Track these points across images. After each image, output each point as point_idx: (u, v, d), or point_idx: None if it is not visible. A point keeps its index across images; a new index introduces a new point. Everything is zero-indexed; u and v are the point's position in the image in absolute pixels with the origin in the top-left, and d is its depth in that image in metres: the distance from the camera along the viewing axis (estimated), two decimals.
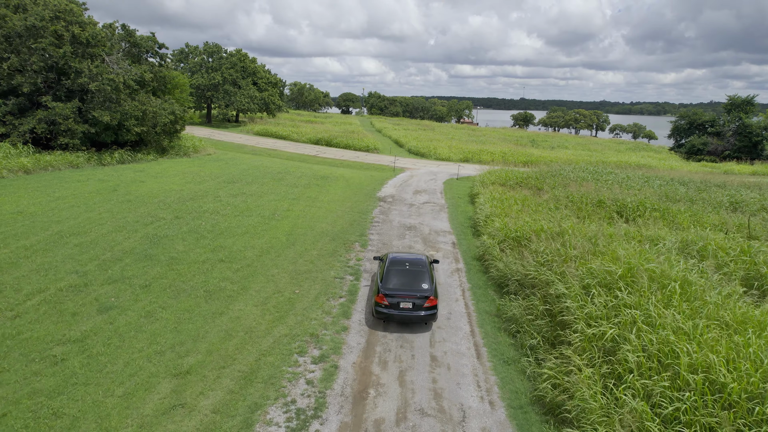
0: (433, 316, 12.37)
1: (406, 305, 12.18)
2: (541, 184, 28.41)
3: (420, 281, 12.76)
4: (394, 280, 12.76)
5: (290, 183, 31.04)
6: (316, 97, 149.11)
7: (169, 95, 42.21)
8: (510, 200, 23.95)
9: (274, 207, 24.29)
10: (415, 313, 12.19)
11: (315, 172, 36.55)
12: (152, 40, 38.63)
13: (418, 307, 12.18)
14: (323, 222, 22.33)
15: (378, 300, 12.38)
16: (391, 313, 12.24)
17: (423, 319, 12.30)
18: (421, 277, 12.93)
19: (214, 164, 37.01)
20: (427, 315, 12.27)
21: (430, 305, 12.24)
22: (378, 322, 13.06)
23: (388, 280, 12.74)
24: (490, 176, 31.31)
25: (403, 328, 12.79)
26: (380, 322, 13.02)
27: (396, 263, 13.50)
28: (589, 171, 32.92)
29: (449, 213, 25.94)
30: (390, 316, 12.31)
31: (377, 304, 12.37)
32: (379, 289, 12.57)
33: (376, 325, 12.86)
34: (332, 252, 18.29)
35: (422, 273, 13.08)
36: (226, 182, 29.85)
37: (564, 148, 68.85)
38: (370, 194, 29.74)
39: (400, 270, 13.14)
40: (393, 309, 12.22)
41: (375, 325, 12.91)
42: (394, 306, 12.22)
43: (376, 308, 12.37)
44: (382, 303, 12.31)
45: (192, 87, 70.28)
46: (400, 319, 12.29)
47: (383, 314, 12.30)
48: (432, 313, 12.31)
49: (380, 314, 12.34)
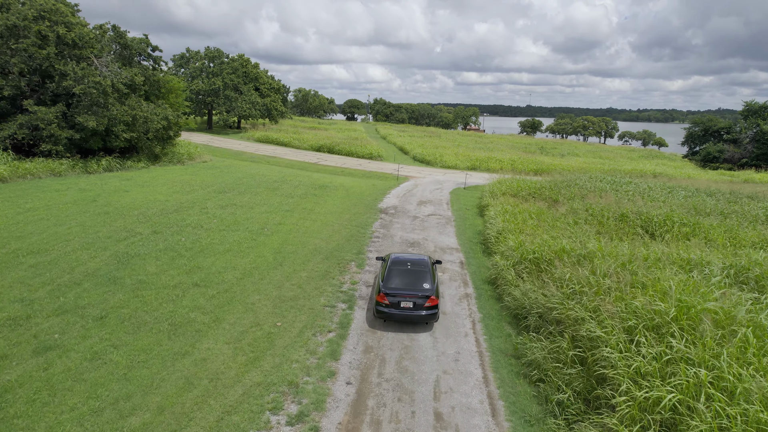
0: (434, 315, 12.33)
1: (407, 305, 12.15)
2: (556, 195, 26.18)
3: (421, 281, 12.70)
4: (395, 279, 12.72)
5: (285, 193, 29.00)
6: (321, 104, 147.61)
7: (163, 100, 40.43)
8: (524, 213, 21.74)
9: (265, 220, 22.22)
10: (416, 312, 12.16)
11: (314, 180, 34.52)
12: (145, 42, 36.91)
13: (419, 306, 12.17)
14: (317, 237, 20.22)
15: (379, 299, 12.33)
16: (392, 313, 12.19)
17: (424, 318, 12.23)
18: (423, 276, 12.87)
19: (208, 172, 35.08)
20: (428, 315, 12.22)
21: (431, 305, 12.22)
22: (371, 363, 10.94)
23: (389, 279, 12.72)
24: (501, 186, 29.11)
25: (402, 373, 10.61)
26: (374, 364, 10.90)
27: (398, 263, 13.44)
28: (606, 181, 30.64)
29: (456, 227, 23.75)
30: (390, 316, 12.24)
31: (378, 303, 12.34)
32: (380, 288, 12.52)
33: (369, 369, 10.70)
34: (324, 274, 16.14)
35: (424, 273, 13.01)
36: (216, 192, 27.86)
37: (574, 156, 66.54)
38: (371, 205, 27.63)
39: (402, 270, 13.08)
40: (393, 308, 12.20)
41: (368, 367, 10.76)
42: (395, 305, 12.19)
43: (377, 307, 12.34)
44: (383, 302, 12.26)
45: (192, 92, 68.93)
46: (401, 319, 12.24)
47: (384, 313, 12.27)
48: (433, 312, 12.27)
49: (381, 313, 12.32)
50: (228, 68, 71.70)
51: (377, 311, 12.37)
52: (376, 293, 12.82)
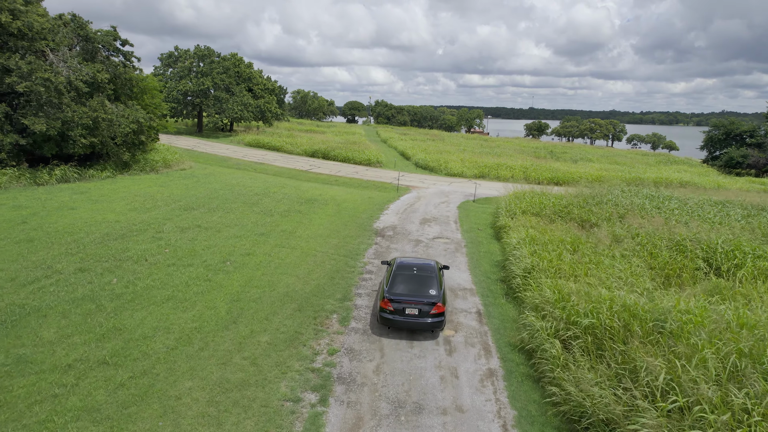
0: (440, 323, 11.78)
1: (412, 311, 11.72)
2: (588, 214, 21.74)
3: (427, 287, 12.24)
4: (400, 285, 12.28)
5: (265, 209, 24.61)
6: (320, 106, 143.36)
7: (136, 101, 36.11)
8: (555, 242, 17.31)
9: (231, 248, 17.84)
10: (421, 320, 11.69)
11: (301, 192, 30.15)
12: (111, 35, 32.59)
13: (424, 313, 11.71)
14: (292, 274, 15.82)
15: (383, 305, 11.87)
16: (396, 320, 11.73)
17: (429, 326, 11.72)
18: (429, 282, 12.42)
19: (181, 183, 30.75)
20: (433, 322, 11.70)
21: (437, 312, 11.74)
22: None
23: (394, 284, 12.28)
24: (519, 202, 24.66)
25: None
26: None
27: (403, 268, 12.99)
28: (642, 195, 26.17)
29: (469, 256, 19.33)
30: (394, 323, 11.78)
31: (382, 310, 11.88)
32: (384, 294, 12.04)
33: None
34: (293, 337, 11.74)
35: (430, 279, 12.57)
36: (182, 209, 23.49)
37: (588, 161, 62.06)
38: (365, 225, 23.22)
39: (408, 275, 12.64)
40: (398, 315, 11.75)
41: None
42: (400, 312, 11.74)
43: (381, 314, 11.90)
44: (387, 308, 11.81)
45: (180, 93, 64.71)
46: (405, 326, 11.76)
47: (388, 320, 11.82)
48: (439, 320, 11.75)
49: (385, 320, 11.88)
50: (218, 68, 67.47)
51: (381, 318, 11.90)
52: (380, 299, 12.25)
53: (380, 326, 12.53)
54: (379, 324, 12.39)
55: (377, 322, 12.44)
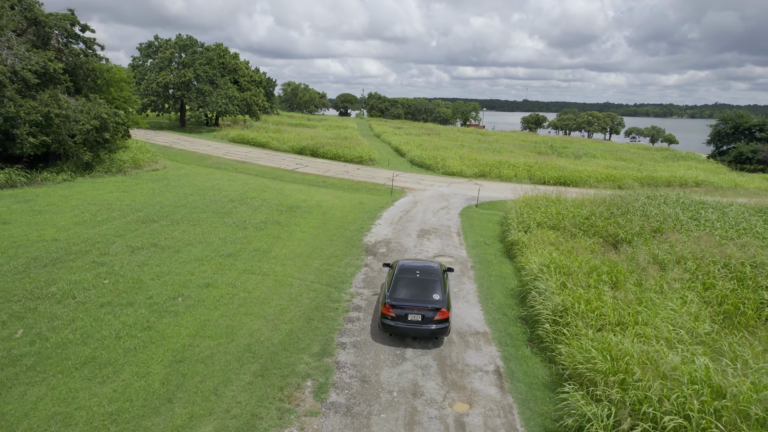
0: (444, 330, 11.10)
1: (415, 317, 11.05)
2: (616, 227, 18.53)
3: (431, 291, 11.55)
4: (402, 289, 11.59)
5: (238, 220, 21.23)
6: (312, 98, 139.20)
7: (101, 94, 32.45)
8: (585, 268, 14.08)
9: (187, 277, 14.49)
10: (424, 326, 11.01)
11: (283, 198, 26.76)
12: (67, 19, 28.85)
13: (428, 319, 11.03)
14: (260, 314, 12.51)
15: (384, 311, 11.25)
16: (398, 326, 11.06)
17: (433, 333, 11.02)
18: (433, 286, 11.70)
19: (148, 187, 27.24)
20: (437, 329, 11.02)
21: (441, 318, 11.06)
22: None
23: (395, 289, 11.60)
24: (532, 212, 21.40)
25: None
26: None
27: (406, 271, 12.24)
28: (672, 202, 22.97)
29: (477, 280, 16.09)
30: (396, 329, 11.10)
31: (383, 316, 11.24)
32: (385, 299, 11.39)
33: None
34: (246, 426, 8.43)
35: (434, 282, 11.85)
36: (139, 221, 20.06)
37: (592, 157, 58.90)
38: (354, 240, 19.92)
39: (410, 279, 11.93)
40: (400, 321, 11.07)
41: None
42: (402, 318, 11.06)
43: (382, 320, 11.25)
44: (388, 314, 11.14)
45: (159, 85, 60.77)
46: (408, 333, 11.09)
47: (389, 327, 11.17)
48: (443, 326, 11.08)
49: (386, 327, 11.22)
50: (201, 58, 63.49)
51: (382, 324, 11.32)
52: (381, 304, 11.75)
53: (368, 401, 9.27)
54: (380, 331, 11.71)
55: (378, 328, 11.82)
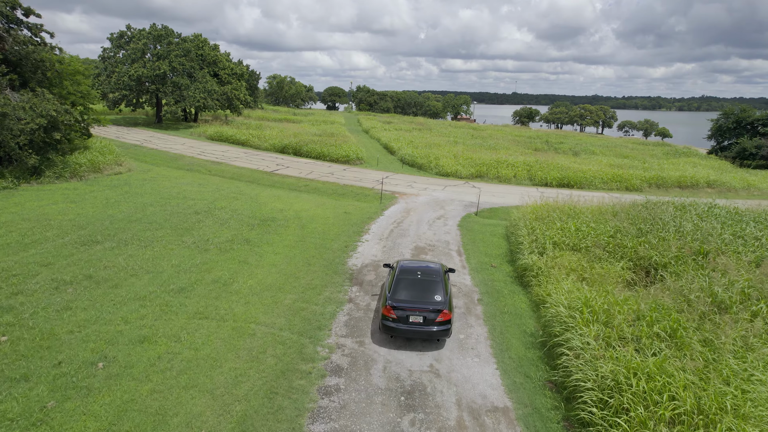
0: (446, 332, 10.92)
1: (417, 319, 10.87)
2: (647, 248, 15.51)
3: (432, 292, 11.42)
4: (403, 291, 11.42)
5: (200, 239, 17.92)
6: (298, 92, 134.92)
7: (53, 88, 28.76)
8: (625, 313, 11.04)
9: (118, 326, 11.19)
10: (426, 328, 10.84)
11: (257, 207, 23.44)
12: (5, 1, 25.08)
13: (429, 321, 10.87)
14: (205, 388, 9.29)
15: (385, 312, 11.03)
16: (399, 328, 10.87)
17: (435, 335, 10.86)
18: (434, 287, 11.57)
19: (102, 195, 23.75)
20: (439, 331, 10.85)
21: (443, 320, 10.90)
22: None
23: (397, 290, 11.46)
24: (545, 227, 18.33)
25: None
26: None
27: (407, 272, 12.10)
28: (703, 210, 20.03)
29: (487, 321, 12.98)
30: (398, 331, 10.88)
31: (384, 317, 11.05)
32: (386, 300, 11.21)
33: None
34: None
35: (435, 283, 11.69)
36: (79, 243, 16.67)
37: (591, 154, 56.16)
38: (337, 263, 16.71)
39: (411, 280, 11.76)
40: (401, 323, 10.91)
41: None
42: (403, 320, 10.91)
43: (383, 322, 11.06)
44: (389, 316, 10.96)
45: (132, 79, 56.69)
46: (409, 335, 10.88)
47: (391, 329, 10.95)
48: (445, 328, 10.90)
49: (387, 329, 11.01)
50: (178, 50, 59.47)
51: (383, 326, 11.03)
52: (382, 306, 11.39)
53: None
54: (381, 333, 11.50)
55: (379, 330, 11.59)
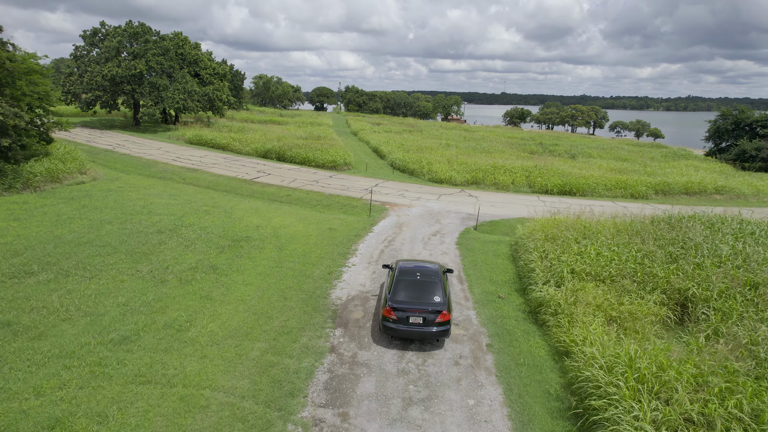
0: (445, 332, 11.01)
1: (416, 320, 10.94)
2: (682, 277, 13.17)
3: (432, 293, 11.48)
4: (403, 291, 11.45)
5: (158, 267, 15.24)
6: (285, 92, 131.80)
7: (3, 89, 25.82)
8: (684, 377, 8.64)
9: (25, 403, 8.51)
10: (426, 329, 10.90)
11: (231, 224, 20.78)
12: None
13: (429, 322, 10.93)
14: None
15: (385, 313, 11.07)
16: (400, 329, 10.95)
17: (434, 335, 10.94)
18: (433, 288, 11.62)
19: (55, 210, 20.94)
20: (439, 331, 10.93)
21: (442, 320, 10.95)
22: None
23: (397, 291, 11.46)
24: (560, 250, 15.90)
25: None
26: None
27: (406, 273, 12.11)
28: (735, 226, 17.78)
29: (502, 379, 10.50)
30: (398, 332, 10.96)
31: (384, 318, 11.11)
32: (386, 301, 11.25)
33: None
34: None
35: (434, 284, 11.75)
36: (8, 275, 13.90)
37: (589, 157, 54.06)
38: (317, 296, 14.13)
39: (411, 281, 11.78)
40: (401, 324, 10.98)
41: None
42: (403, 321, 10.98)
43: (383, 323, 11.10)
44: (389, 317, 11.02)
45: (105, 78, 53.53)
46: (409, 336, 10.96)
47: (391, 330, 11.02)
48: (445, 329, 10.97)
49: (388, 330, 11.05)
50: (155, 48, 56.39)
51: (383, 327, 11.07)
52: (382, 306, 11.45)
53: None
54: (381, 333, 11.44)
55: (379, 331, 11.58)
